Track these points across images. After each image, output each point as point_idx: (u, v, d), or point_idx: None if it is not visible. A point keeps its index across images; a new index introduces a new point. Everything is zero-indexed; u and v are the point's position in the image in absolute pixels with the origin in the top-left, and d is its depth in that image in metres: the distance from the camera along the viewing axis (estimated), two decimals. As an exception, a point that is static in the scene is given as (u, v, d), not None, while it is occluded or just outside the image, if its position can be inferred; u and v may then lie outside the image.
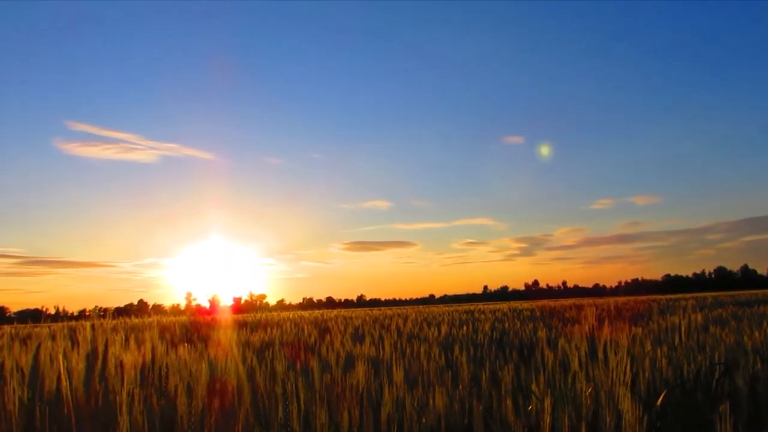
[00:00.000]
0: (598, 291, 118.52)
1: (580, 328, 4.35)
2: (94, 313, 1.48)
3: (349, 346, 3.70)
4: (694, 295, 27.77)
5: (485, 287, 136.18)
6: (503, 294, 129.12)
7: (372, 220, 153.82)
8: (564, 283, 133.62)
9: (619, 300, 17.87)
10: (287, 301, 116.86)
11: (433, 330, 6.00)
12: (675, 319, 5.16)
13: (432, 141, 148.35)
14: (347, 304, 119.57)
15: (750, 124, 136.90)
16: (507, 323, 7.02)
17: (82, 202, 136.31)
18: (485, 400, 2.07)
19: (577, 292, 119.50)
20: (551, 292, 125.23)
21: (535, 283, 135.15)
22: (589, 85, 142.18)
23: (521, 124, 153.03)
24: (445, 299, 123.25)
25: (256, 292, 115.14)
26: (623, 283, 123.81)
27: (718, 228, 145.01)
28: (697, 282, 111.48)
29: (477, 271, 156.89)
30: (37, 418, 1.36)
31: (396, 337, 5.08)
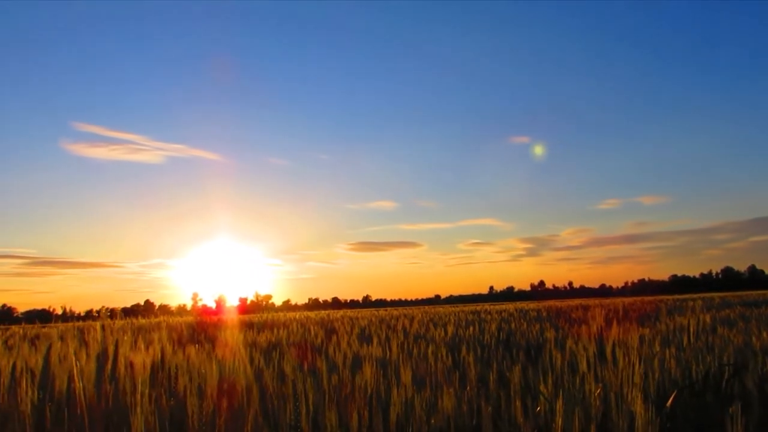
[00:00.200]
0: (604, 291, 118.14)
1: (588, 328, 4.34)
2: (103, 313, 1.49)
3: (355, 346, 3.70)
4: (702, 295, 27.64)
5: (491, 288, 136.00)
6: (509, 294, 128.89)
7: (378, 220, 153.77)
8: (570, 283, 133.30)
9: (626, 300, 17.81)
10: (293, 302, 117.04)
11: (440, 330, 6.00)
12: (683, 319, 5.14)
13: (438, 141, 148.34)
14: (353, 304, 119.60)
15: (758, 123, 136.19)
16: (513, 324, 7.01)
17: (88, 202, 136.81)
18: (493, 401, 2.06)
19: (584, 292, 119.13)
20: (557, 293, 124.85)
21: (541, 283, 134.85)
22: (595, 85, 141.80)
23: (528, 124, 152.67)
24: (451, 300, 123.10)
25: (262, 292, 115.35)
26: (630, 284, 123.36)
27: (726, 228, 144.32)
28: (704, 282, 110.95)
29: (483, 272, 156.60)
30: (47, 419, 1.37)
31: (402, 337, 5.08)
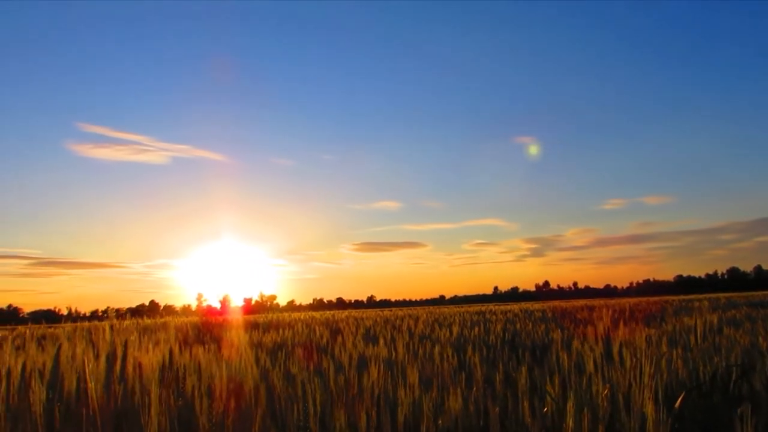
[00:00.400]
0: (609, 292, 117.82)
1: (594, 329, 4.33)
2: (111, 314, 1.49)
3: (361, 347, 3.71)
4: (707, 295, 27.55)
5: (495, 288, 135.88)
6: (514, 295, 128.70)
7: (382, 220, 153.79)
8: (575, 283, 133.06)
9: (631, 301, 17.77)
10: (297, 302, 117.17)
11: (445, 331, 6.00)
12: (689, 320, 5.13)
13: (441, 141, 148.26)
14: (357, 304, 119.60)
15: (763, 123, 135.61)
16: (518, 324, 7.00)
17: (93, 203, 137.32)
18: (500, 401, 2.06)
19: (588, 293, 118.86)
20: (562, 293, 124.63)
21: (546, 283, 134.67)
22: (599, 85, 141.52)
23: (532, 125, 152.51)
24: (456, 300, 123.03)
25: (267, 292, 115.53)
26: (635, 284, 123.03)
27: (731, 228, 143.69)
28: (710, 283, 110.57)
29: (487, 272, 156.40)
30: (57, 419, 1.38)
31: (408, 338, 5.08)
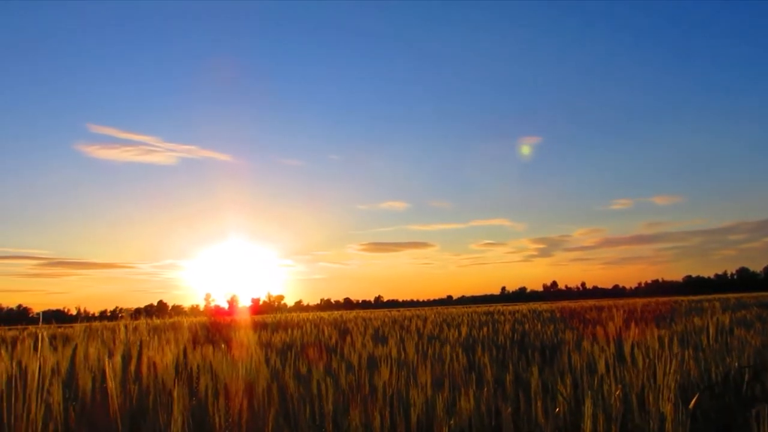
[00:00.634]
0: (617, 292, 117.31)
1: (603, 329, 4.32)
2: (126, 314, 1.50)
3: (370, 347, 3.71)
4: (717, 296, 27.38)
5: (503, 288, 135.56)
6: (521, 295, 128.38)
7: (389, 221, 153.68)
8: (583, 284, 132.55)
9: (640, 301, 17.69)
10: (305, 302, 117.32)
11: (453, 331, 5.99)
12: (698, 320, 5.10)
13: (449, 141, 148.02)
14: (365, 305, 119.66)
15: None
16: (527, 325, 6.98)
17: (102, 204, 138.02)
18: (512, 402, 2.06)
19: (597, 293, 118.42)
20: (570, 294, 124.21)
21: (554, 284, 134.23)
22: (607, 85, 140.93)
23: (539, 124, 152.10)
24: (463, 300, 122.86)
25: (275, 293, 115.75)
26: (643, 284, 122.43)
27: (741, 228, 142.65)
28: (719, 283, 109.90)
29: (495, 272, 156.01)
30: (72, 419, 1.39)
31: (416, 338, 5.08)
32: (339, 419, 1.55)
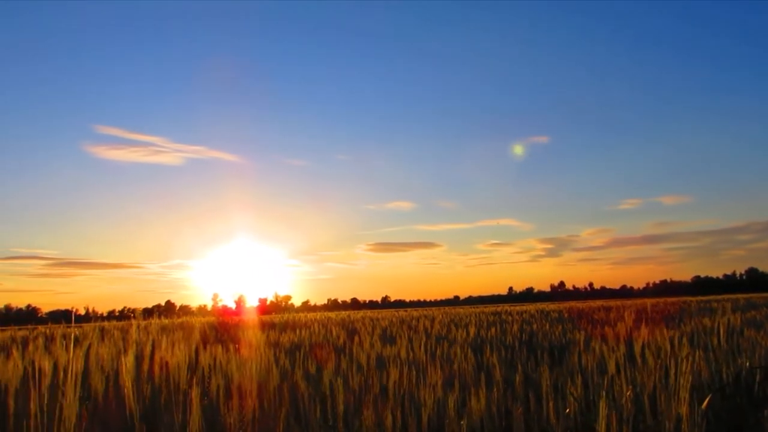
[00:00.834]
0: (625, 292, 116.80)
1: (612, 329, 4.30)
2: (138, 314, 1.51)
3: (378, 347, 3.72)
4: (726, 296, 27.22)
5: (510, 288, 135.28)
6: (529, 295, 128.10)
7: (396, 221, 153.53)
8: (591, 284, 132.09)
9: (649, 301, 17.61)
10: (312, 302, 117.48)
11: (462, 331, 5.99)
12: (707, 321, 5.08)
13: (456, 141, 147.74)
14: (372, 305, 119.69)
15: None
16: (535, 325, 6.97)
17: (109, 204, 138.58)
18: (522, 402, 2.06)
19: (604, 293, 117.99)
20: (578, 294, 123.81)
21: (561, 284, 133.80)
22: (615, 84, 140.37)
23: (547, 124, 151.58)
24: (470, 300, 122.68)
25: (282, 293, 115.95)
26: (651, 284, 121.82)
27: (750, 228, 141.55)
28: (728, 283, 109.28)
29: (502, 272, 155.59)
30: (85, 418, 1.40)
31: (425, 338, 5.08)
32: (350, 419, 1.55)
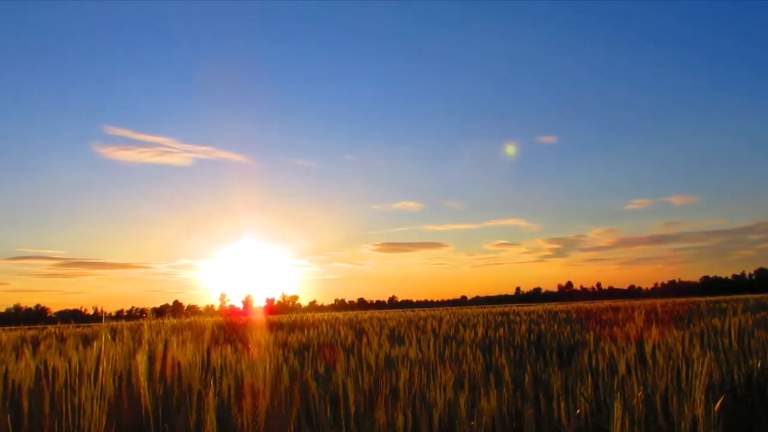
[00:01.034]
0: (633, 293, 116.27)
1: (621, 330, 4.29)
2: (150, 313, 1.52)
3: (386, 347, 3.72)
4: (735, 297, 27.05)
5: (517, 288, 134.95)
6: (536, 295, 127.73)
7: (403, 221, 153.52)
8: (598, 284, 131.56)
9: (658, 302, 17.53)
10: (319, 302, 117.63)
11: (470, 332, 5.98)
12: (717, 321, 5.05)
13: (463, 141, 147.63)
14: (379, 305, 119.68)
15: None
16: (543, 325, 6.96)
17: (118, 204, 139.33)
18: (532, 402, 2.05)
19: (612, 293, 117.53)
20: (585, 294, 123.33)
21: (569, 284, 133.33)
22: (623, 83, 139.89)
23: (555, 124, 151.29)
24: (477, 300, 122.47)
25: (289, 293, 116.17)
26: (660, 285, 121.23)
27: (759, 228, 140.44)
28: (737, 284, 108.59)
29: (509, 273, 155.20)
30: (99, 417, 1.40)
31: (433, 338, 5.08)
32: (361, 419, 1.55)
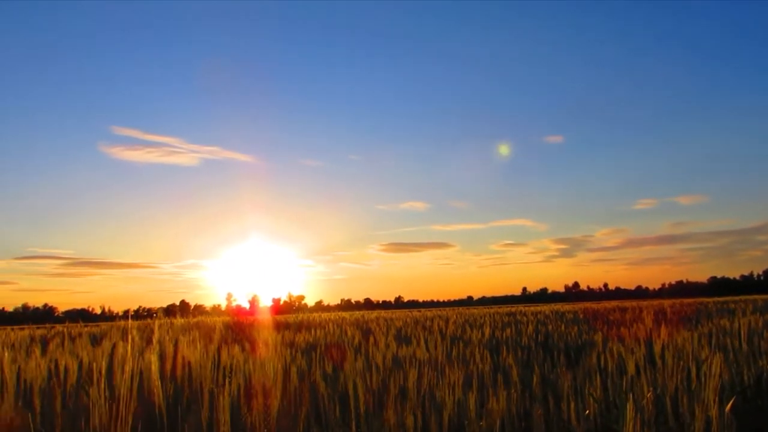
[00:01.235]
0: (640, 293, 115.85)
1: (628, 330, 4.28)
2: (160, 313, 1.52)
3: (394, 347, 3.72)
4: (743, 297, 26.89)
5: (524, 289, 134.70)
6: (543, 296, 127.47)
7: (410, 221, 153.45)
8: (605, 285, 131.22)
9: (665, 302, 17.46)
10: (325, 302, 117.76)
11: (477, 332, 5.97)
12: (725, 322, 5.03)
13: (469, 141, 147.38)
14: (385, 305, 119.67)
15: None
16: (550, 326, 6.94)
17: (125, 204, 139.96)
18: (540, 403, 2.05)
19: (619, 294, 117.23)
20: (592, 294, 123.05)
21: (576, 285, 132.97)
22: (630, 83, 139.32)
23: (562, 124, 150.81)
24: (484, 301, 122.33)
25: (295, 293, 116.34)
26: (667, 285, 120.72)
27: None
28: (745, 284, 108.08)
29: (515, 273, 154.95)
30: (110, 416, 1.41)
31: (439, 339, 5.07)
32: (370, 419, 1.56)
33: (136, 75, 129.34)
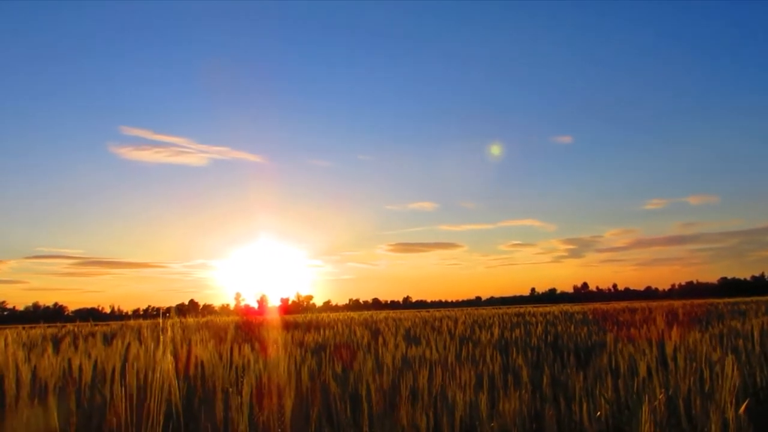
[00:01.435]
0: (650, 294, 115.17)
1: (639, 331, 4.26)
2: (173, 312, 1.54)
3: (403, 348, 3.72)
4: (755, 298, 26.68)
5: (532, 289, 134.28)
6: (551, 296, 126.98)
7: (418, 221, 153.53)
8: (614, 285, 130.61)
9: (676, 303, 17.35)
10: (334, 302, 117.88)
11: (486, 333, 5.96)
12: (736, 323, 4.99)
13: (477, 141, 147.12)
14: (393, 305, 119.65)
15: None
16: (560, 326, 6.91)
17: (134, 204, 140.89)
18: (551, 403, 2.05)
19: (628, 294, 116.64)
20: (601, 295, 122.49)
21: (584, 285, 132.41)
22: (640, 83, 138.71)
23: (571, 124, 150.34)
24: (492, 301, 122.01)
25: (303, 293, 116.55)
26: (677, 286, 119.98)
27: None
28: (756, 285, 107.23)
29: (524, 273, 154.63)
30: (120, 414, 1.42)
31: (448, 339, 5.06)
32: (381, 420, 1.56)
33: (145, 75, 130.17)
